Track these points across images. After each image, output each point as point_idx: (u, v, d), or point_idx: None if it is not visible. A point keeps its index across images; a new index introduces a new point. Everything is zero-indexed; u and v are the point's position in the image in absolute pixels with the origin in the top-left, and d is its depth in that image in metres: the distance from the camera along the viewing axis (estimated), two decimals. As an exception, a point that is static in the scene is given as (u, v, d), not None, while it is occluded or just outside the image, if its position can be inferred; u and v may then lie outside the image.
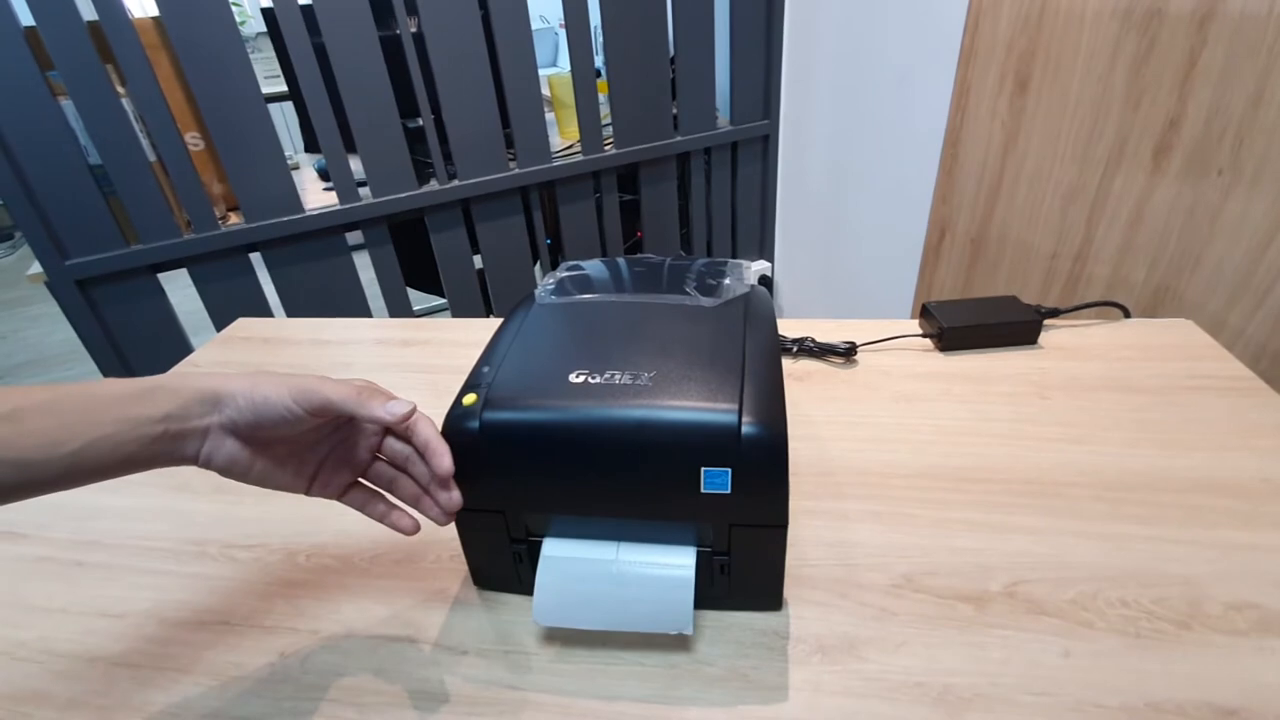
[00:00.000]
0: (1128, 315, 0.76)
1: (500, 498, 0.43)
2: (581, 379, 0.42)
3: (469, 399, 0.42)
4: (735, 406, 0.39)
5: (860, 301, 1.67)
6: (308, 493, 0.42)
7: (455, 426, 0.41)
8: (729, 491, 0.39)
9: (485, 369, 0.45)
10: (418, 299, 1.77)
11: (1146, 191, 0.96)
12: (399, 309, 1.52)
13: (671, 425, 0.39)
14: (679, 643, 0.44)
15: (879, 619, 0.44)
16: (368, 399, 0.38)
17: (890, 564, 0.48)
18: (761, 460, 0.39)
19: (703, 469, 0.39)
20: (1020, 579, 0.46)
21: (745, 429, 0.39)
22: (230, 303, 1.32)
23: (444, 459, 0.39)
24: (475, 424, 0.41)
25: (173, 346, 1.31)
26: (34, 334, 2.73)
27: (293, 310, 1.39)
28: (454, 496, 0.40)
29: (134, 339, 1.28)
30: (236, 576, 0.52)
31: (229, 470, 0.38)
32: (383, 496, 0.43)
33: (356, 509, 0.43)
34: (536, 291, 0.53)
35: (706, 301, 0.49)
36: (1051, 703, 0.39)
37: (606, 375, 0.42)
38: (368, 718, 0.41)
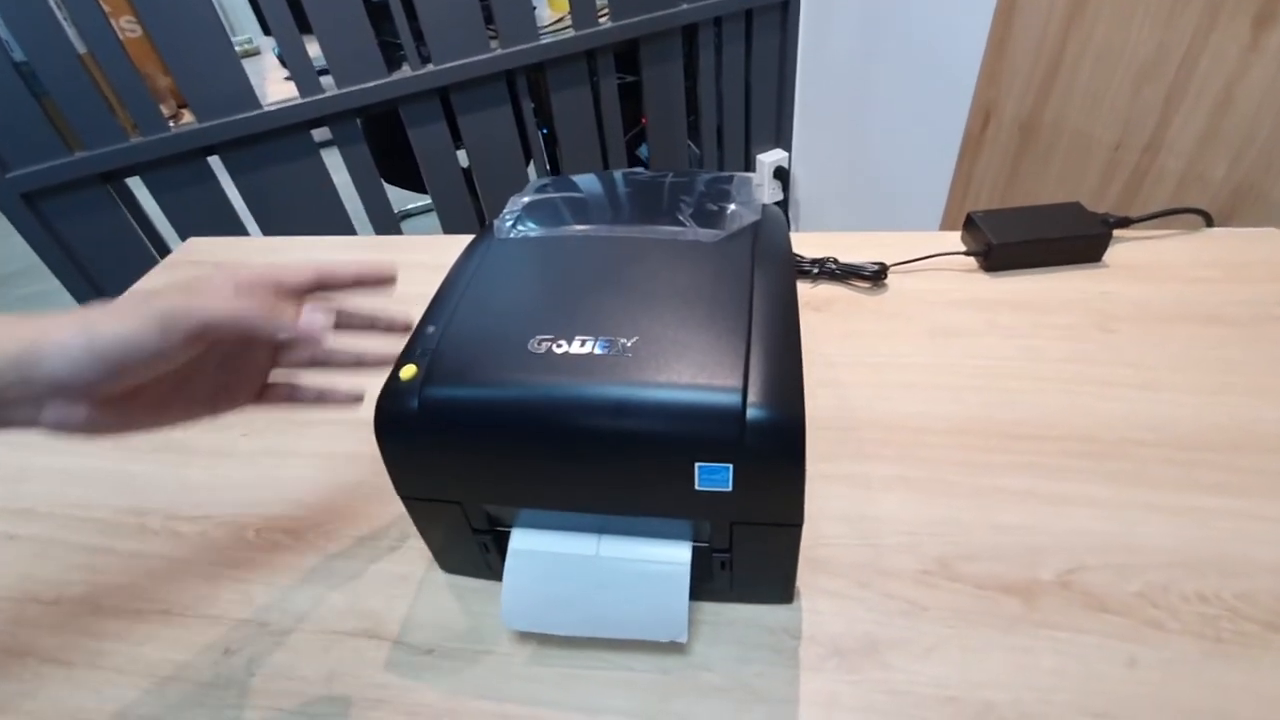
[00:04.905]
0: (1210, 224, 0.64)
1: (451, 487, 0.36)
2: (544, 347, 0.33)
3: (407, 371, 0.34)
4: (738, 384, 0.31)
5: (888, 197, 1.52)
6: (214, 416, 0.36)
7: (390, 406, 0.33)
8: (729, 489, 0.31)
9: (430, 329, 0.36)
10: (401, 198, 1.65)
11: (1239, 69, 0.80)
12: (378, 212, 1.40)
13: (657, 410, 0.31)
14: (673, 644, 0.38)
15: (907, 615, 0.38)
16: (268, 316, 0.31)
17: (921, 544, 0.41)
18: (771, 454, 0.31)
19: (697, 464, 0.31)
20: (1077, 565, 0.39)
21: (751, 414, 0.30)
22: (193, 213, 1.21)
23: (386, 269, 0.37)
24: (414, 402, 0.33)
25: (140, 259, 1.22)
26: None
27: (263, 218, 1.28)
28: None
29: (96, 253, 1.19)
30: (179, 556, 0.46)
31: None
32: (300, 384, 0.39)
33: (282, 406, 0.38)
34: (496, 222, 0.43)
35: (706, 235, 0.39)
36: (1112, 726, 0.33)
37: (576, 341, 0.33)
38: (319, 731, 0.36)
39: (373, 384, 0.38)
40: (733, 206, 0.41)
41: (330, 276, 0.36)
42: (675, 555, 0.36)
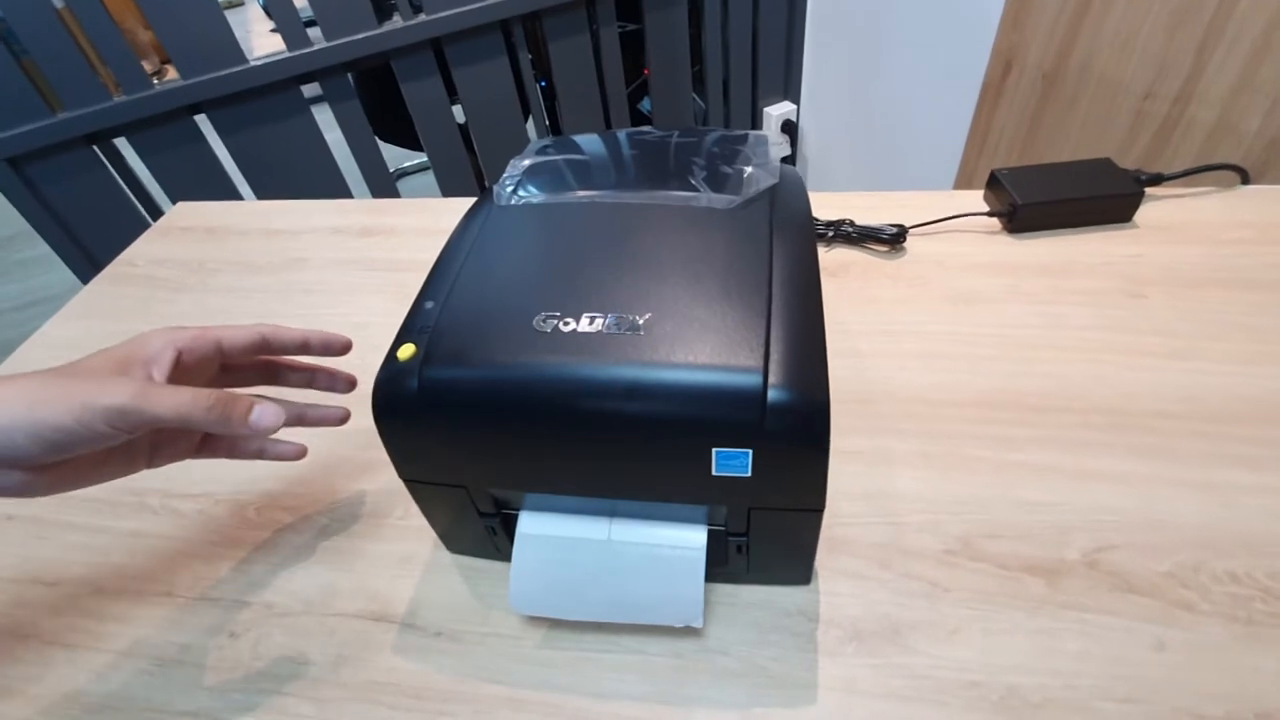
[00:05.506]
0: (1245, 180, 0.61)
1: (454, 471, 0.34)
2: (550, 325, 0.31)
3: (405, 351, 0.32)
4: (759, 364, 0.29)
5: (901, 151, 1.47)
6: (152, 468, 0.35)
7: (388, 387, 0.32)
8: (748, 475, 0.30)
9: (428, 305, 0.34)
10: (396, 156, 1.60)
11: (1282, 8, 0.75)
12: (373, 171, 1.35)
13: (672, 392, 0.29)
14: (688, 629, 0.37)
15: (928, 596, 0.37)
16: (223, 413, 0.30)
17: (942, 523, 0.40)
18: (793, 438, 0.29)
19: (714, 450, 0.29)
20: (1103, 544, 0.38)
21: (772, 396, 0.29)
22: (183, 175, 1.17)
23: (335, 339, 0.38)
24: (413, 383, 0.31)
25: (131, 223, 1.19)
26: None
27: (254, 179, 1.24)
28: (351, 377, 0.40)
29: (86, 217, 1.16)
30: (180, 535, 0.45)
31: (25, 495, 0.31)
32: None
33: (224, 458, 0.37)
34: (495, 187, 0.40)
35: (720, 200, 0.37)
36: (1140, 712, 0.32)
37: (584, 319, 0.31)
38: (327, 715, 0.35)
39: (313, 435, 0.39)
40: (749, 169, 0.39)
41: (274, 339, 0.37)
42: (690, 539, 0.35)
